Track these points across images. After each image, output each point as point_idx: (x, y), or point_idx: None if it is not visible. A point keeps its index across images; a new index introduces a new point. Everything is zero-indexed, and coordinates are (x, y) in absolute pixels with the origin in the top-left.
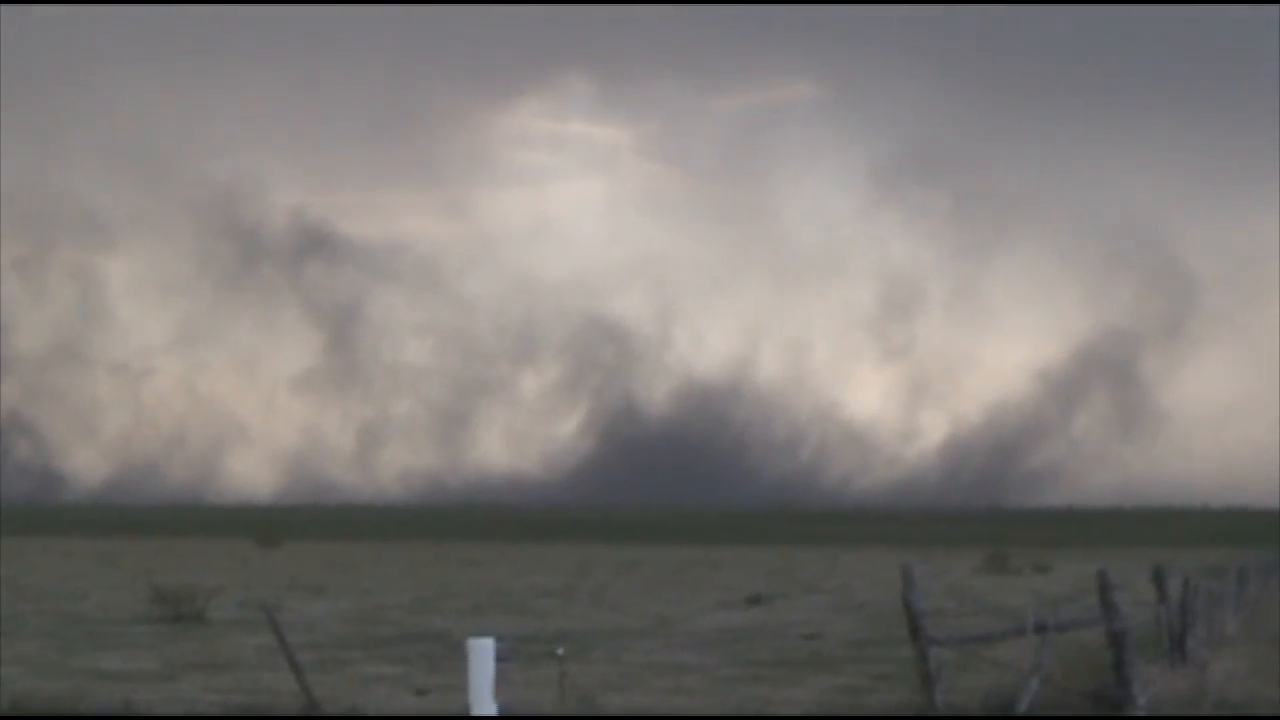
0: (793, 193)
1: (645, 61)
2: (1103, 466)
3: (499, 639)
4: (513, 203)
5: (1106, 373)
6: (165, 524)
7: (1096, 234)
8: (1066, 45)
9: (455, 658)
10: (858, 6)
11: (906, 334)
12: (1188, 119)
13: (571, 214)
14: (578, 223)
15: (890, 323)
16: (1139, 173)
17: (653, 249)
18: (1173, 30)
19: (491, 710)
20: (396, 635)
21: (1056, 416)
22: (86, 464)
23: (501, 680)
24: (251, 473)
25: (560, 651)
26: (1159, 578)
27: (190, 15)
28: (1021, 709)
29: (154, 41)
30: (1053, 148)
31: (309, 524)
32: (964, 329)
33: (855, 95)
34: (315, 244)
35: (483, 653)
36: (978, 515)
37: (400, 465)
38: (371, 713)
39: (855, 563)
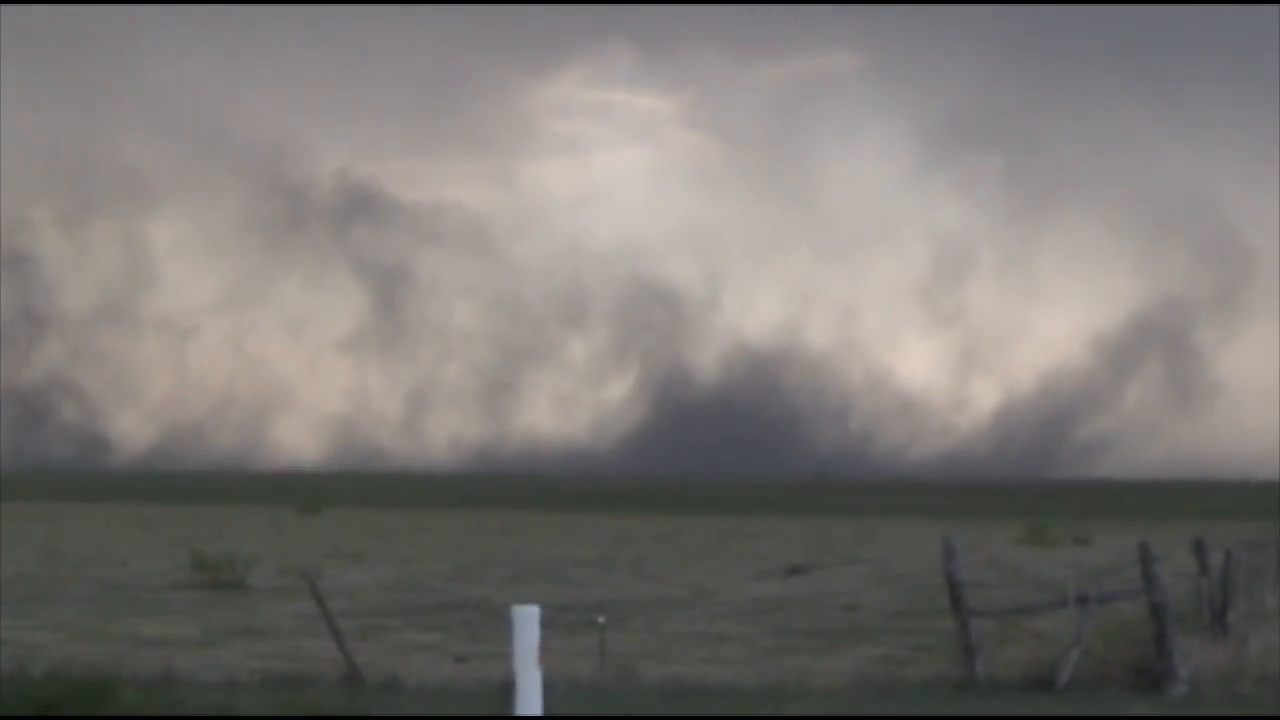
0: (838, 160)
1: (686, 31)
2: (1155, 438)
3: (540, 608)
4: (557, 171)
5: (1160, 342)
6: (208, 490)
7: (1150, 202)
8: (1119, 15)
9: (494, 625)
10: None
11: (958, 301)
12: (1243, 90)
13: (616, 182)
14: (622, 190)
15: (941, 290)
16: (1193, 142)
17: (699, 216)
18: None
19: (536, 677)
20: (436, 603)
21: (1109, 386)
22: (131, 428)
23: (541, 649)
24: (298, 438)
25: (602, 620)
26: (1200, 550)
27: None
28: (1062, 681)
29: (199, 6)
30: (1106, 116)
31: (353, 491)
32: (1016, 296)
33: (898, 64)
34: (362, 204)
35: (527, 620)
36: (1025, 486)
37: (448, 431)
38: (412, 681)
39: (895, 534)
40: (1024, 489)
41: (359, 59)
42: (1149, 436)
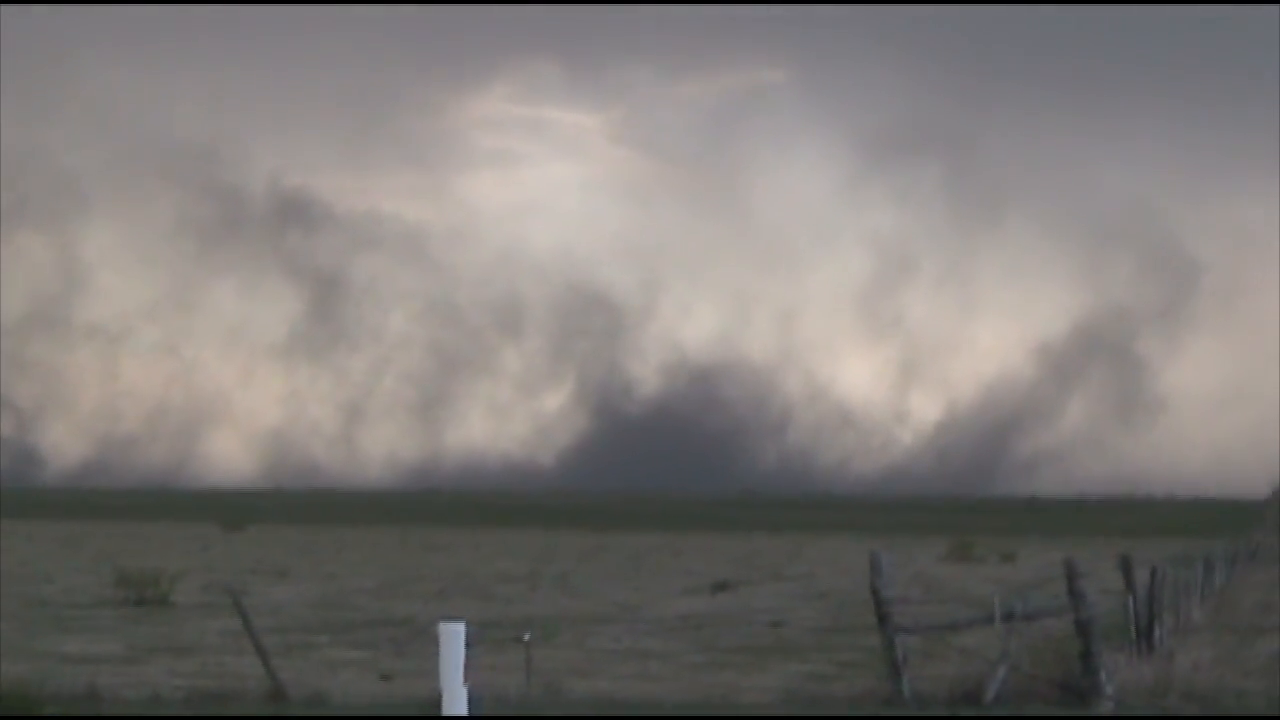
0: (773, 172)
1: (614, 47)
2: (1098, 452)
3: (466, 624)
4: (489, 184)
5: (1104, 353)
6: (138, 506)
7: (1091, 212)
8: (1058, 24)
9: (420, 642)
10: None
11: (897, 311)
12: (1186, 100)
13: (549, 196)
14: (555, 203)
15: (880, 299)
16: (1136, 152)
17: (633, 229)
18: (1173, 11)
19: (462, 695)
20: (362, 620)
21: (1052, 398)
22: (64, 441)
23: (468, 665)
24: (231, 453)
25: (526, 637)
26: (1126, 567)
27: None
28: (989, 697)
29: (132, 17)
30: (1046, 126)
31: (282, 507)
32: (956, 306)
33: (831, 76)
34: (296, 211)
35: (453, 637)
36: (961, 502)
37: (384, 445)
38: (337, 698)
39: (825, 550)
40: (960, 505)
41: (290, 67)
42: (1091, 451)
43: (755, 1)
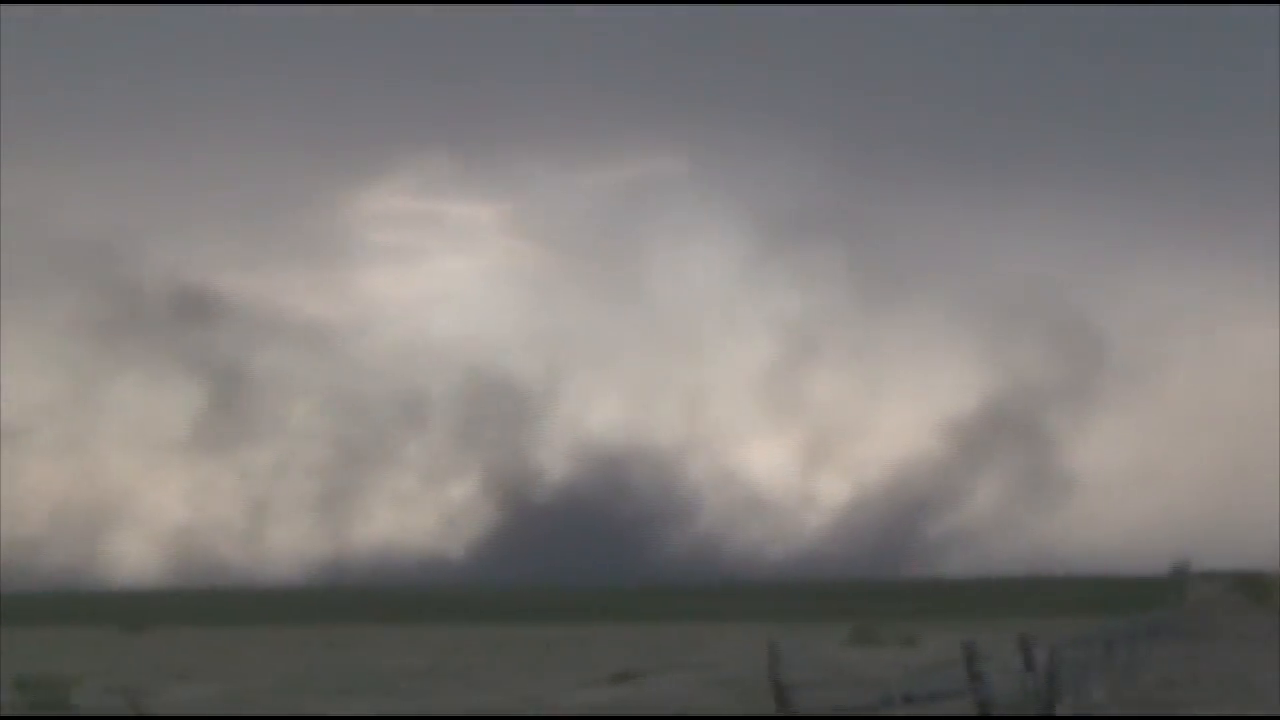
0: (672, 257)
1: (506, 139)
2: (1008, 531)
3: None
4: (387, 278)
5: (1011, 429)
6: (39, 611)
7: (999, 288)
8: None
9: None
10: (719, 74)
11: (802, 392)
12: (1088, 174)
13: (448, 287)
14: (455, 294)
15: (785, 381)
16: (1042, 230)
17: (535, 318)
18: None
19: None
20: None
21: (961, 476)
22: None
23: None
24: (137, 553)
25: None
26: (1025, 646)
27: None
28: None
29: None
30: (946, 204)
31: (185, 607)
32: (862, 386)
33: (726, 162)
34: (195, 305)
35: None
36: (868, 586)
37: (290, 538)
38: None
39: (727, 637)
40: (866, 588)
41: (185, 163)
42: (1001, 530)
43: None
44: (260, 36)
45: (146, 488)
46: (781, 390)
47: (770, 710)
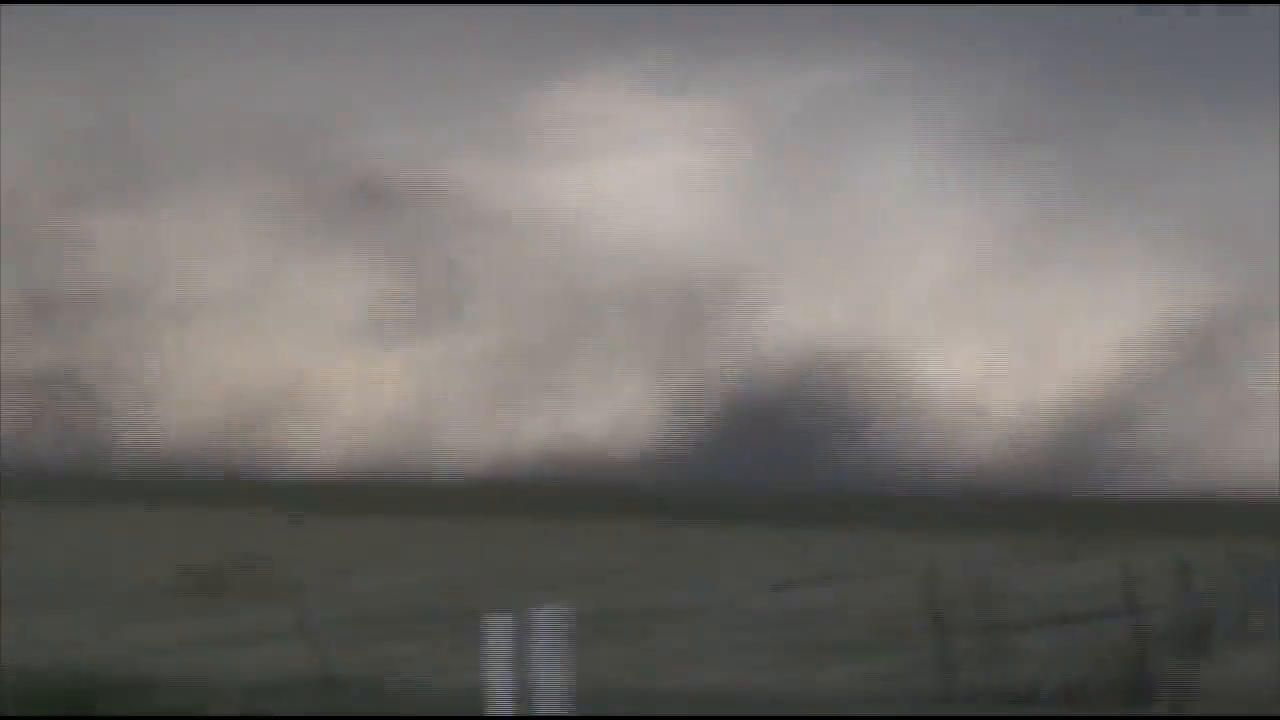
0: (863, 165)
1: (698, 42)
2: (1186, 452)
3: (522, 616)
4: (568, 177)
5: (1196, 350)
6: (207, 496)
7: (1198, 209)
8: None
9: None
10: None
11: (986, 304)
12: None
13: (628, 188)
14: (635, 197)
15: (968, 292)
16: (1245, 154)
17: (718, 222)
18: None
19: (507, 686)
20: (423, 613)
21: (1142, 394)
22: (138, 428)
23: (529, 659)
24: (307, 442)
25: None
26: (1183, 570)
27: None
28: (1044, 697)
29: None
30: (1157, 121)
31: (352, 500)
32: (1047, 299)
33: (930, 71)
34: (379, 192)
35: (501, 630)
36: (1043, 500)
37: (462, 431)
38: (394, 691)
39: (889, 549)
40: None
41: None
42: (1180, 451)
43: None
44: None
45: (320, 377)
46: (964, 302)
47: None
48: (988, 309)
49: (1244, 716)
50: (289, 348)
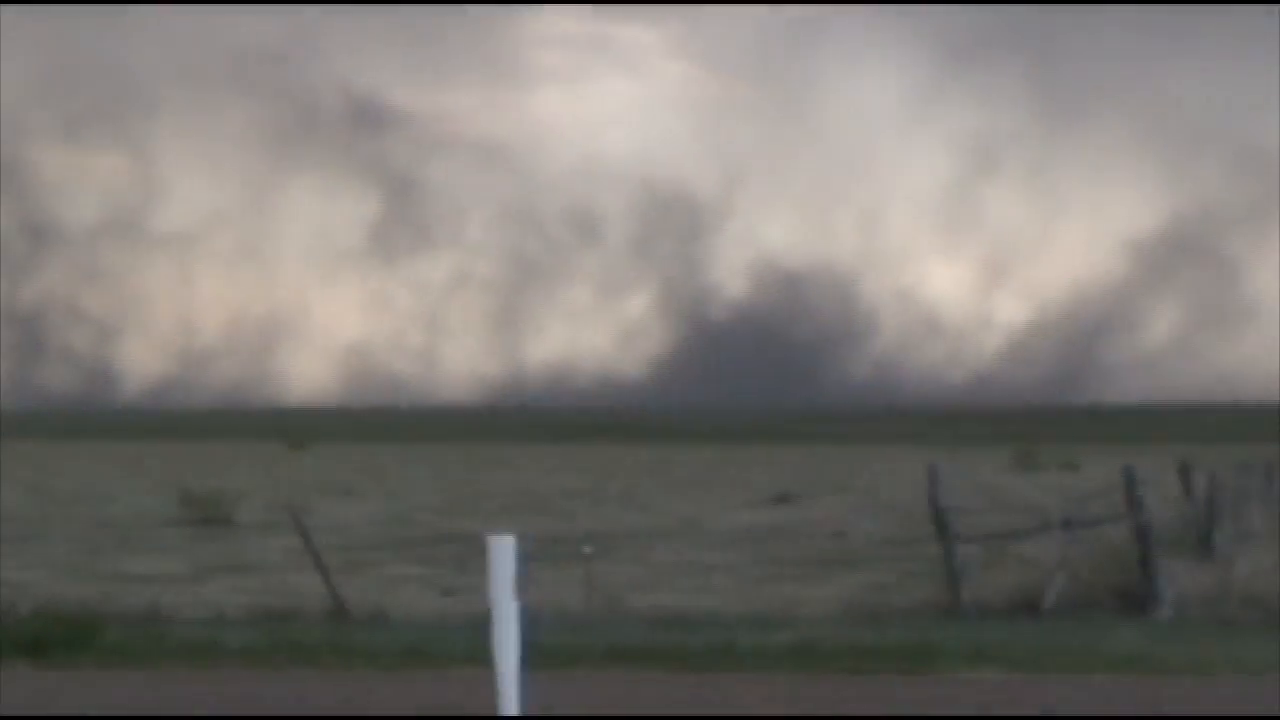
0: (848, 81)
1: None
2: (1185, 358)
3: (523, 538)
4: (559, 98)
5: (1192, 255)
6: (207, 426)
7: (1179, 110)
8: None
9: (482, 558)
10: None
11: (980, 212)
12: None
13: (620, 108)
14: (627, 116)
15: (962, 201)
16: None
17: (710, 139)
18: None
19: (513, 609)
20: (424, 537)
21: (1138, 300)
22: (140, 357)
23: (529, 580)
24: (307, 367)
25: (588, 550)
26: (1185, 474)
27: None
28: (1047, 604)
29: None
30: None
31: (352, 425)
32: (1041, 206)
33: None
34: (371, 115)
35: (503, 550)
36: (1041, 410)
37: (462, 353)
38: (399, 614)
39: (888, 461)
40: (1036, 413)
41: None
42: (1178, 357)
43: None
44: None
45: (319, 300)
46: (959, 210)
47: (931, 533)
48: (982, 217)
49: None
50: (287, 270)
